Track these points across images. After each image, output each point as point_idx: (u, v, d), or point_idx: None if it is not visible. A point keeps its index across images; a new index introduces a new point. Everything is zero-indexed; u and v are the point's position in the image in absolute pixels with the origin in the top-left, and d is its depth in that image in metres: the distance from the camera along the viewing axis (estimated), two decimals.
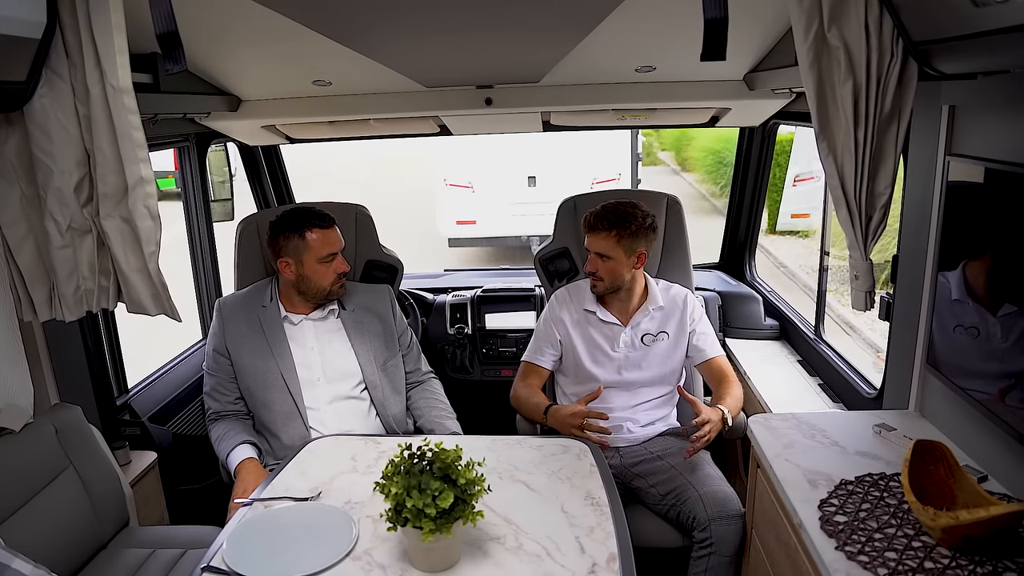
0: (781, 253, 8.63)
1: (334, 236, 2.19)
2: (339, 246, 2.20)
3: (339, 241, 2.21)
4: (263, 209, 3.49)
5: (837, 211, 1.43)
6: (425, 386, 2.36)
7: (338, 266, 2.19)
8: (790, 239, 9.14)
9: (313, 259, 2.15)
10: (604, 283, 2.24)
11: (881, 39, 1.29)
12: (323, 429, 2.14)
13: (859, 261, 1.44)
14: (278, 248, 2.18)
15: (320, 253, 2.15)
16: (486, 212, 8.34)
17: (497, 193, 8.28)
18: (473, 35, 1.96)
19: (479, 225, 8.46)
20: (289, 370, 2.15)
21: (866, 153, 1.36)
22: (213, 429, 2.18)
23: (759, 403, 2.41)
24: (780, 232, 9.09)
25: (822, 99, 1.37)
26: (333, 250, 2.17)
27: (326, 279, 2.17)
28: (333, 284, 2.19)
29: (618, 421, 2.25)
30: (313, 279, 2.17)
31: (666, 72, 2.38)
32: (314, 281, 2.17)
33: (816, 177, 6.81)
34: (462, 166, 8.37)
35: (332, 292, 2.20)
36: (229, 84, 2.50)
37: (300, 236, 2.15)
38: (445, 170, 8.52)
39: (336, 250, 2.18)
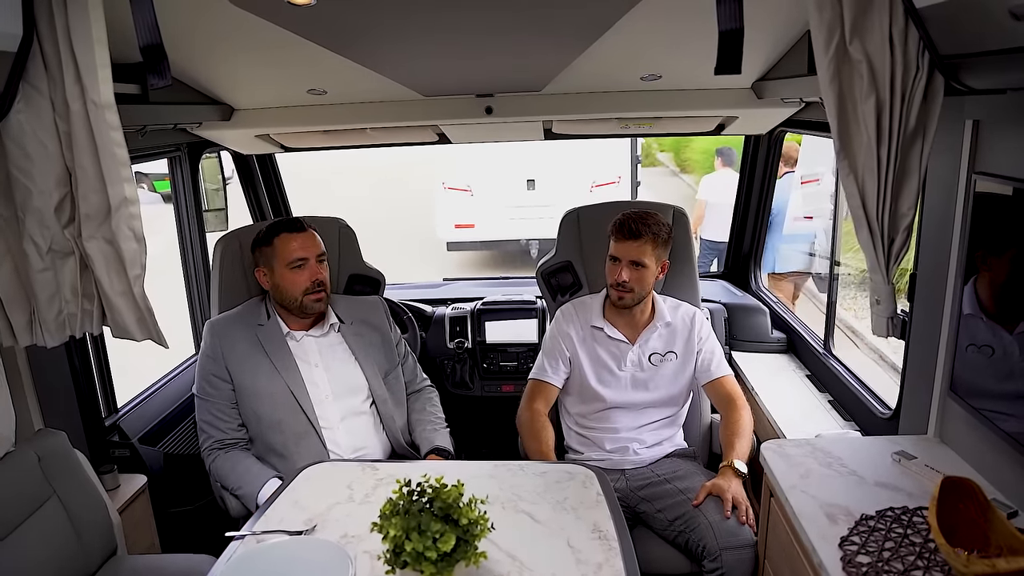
0: None
1: (306, 241, 2.10)
2: (311, 251, 2.10)
3: (312, 247, 2.11)
4: (258, 220, 3.43)
5: (858, 232, 1.35)
6: (421, 396, 2.31)
7: (311, 273, 2.08)
8: None
9: (282, 265, 2.07)
10: (634, 294, 2.16)
11: (906, 52, 1.22)
12: (337, 448, 2.07)
13: (881, 285, 1.37)
14: (256, 260, 2.14)
15: (288, 258, 2.07)
16: (485, 216, 8.29)
17: (496, 197, 8.24)
18: (473, 43, 1.89)
19: (477, 229, 8.41)
20: (300, 388, 2.07)
21: (889, 172, 1.29)
22: (219, 460, 2.08)
23: (768, 422, 2.33)
24: None
25: (843, 115, 1.30)
26: (302, 255, 2.08)
27: (296, 287, 2.08)
28: (305, 295, 2.08)
29: (623, 443, 2.18)
30: (283, 287, 2.09)
31: (672, 80, 2.31)
32: (286, 290, 2.09)
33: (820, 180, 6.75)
34: (460, 169, 8.33)
35: (305, 304, 2.10)
36: (221, 93, 2.42)
37: (270, 243, 2.09)
38: (443, 174, 8.47)
39: (306, 255, 2.09)
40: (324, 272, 2.12)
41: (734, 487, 1.92)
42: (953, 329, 1.60)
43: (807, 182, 6.95)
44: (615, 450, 2.19)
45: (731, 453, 2.00)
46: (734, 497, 1.88)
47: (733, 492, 1.90)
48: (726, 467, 1.97)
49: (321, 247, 2.14)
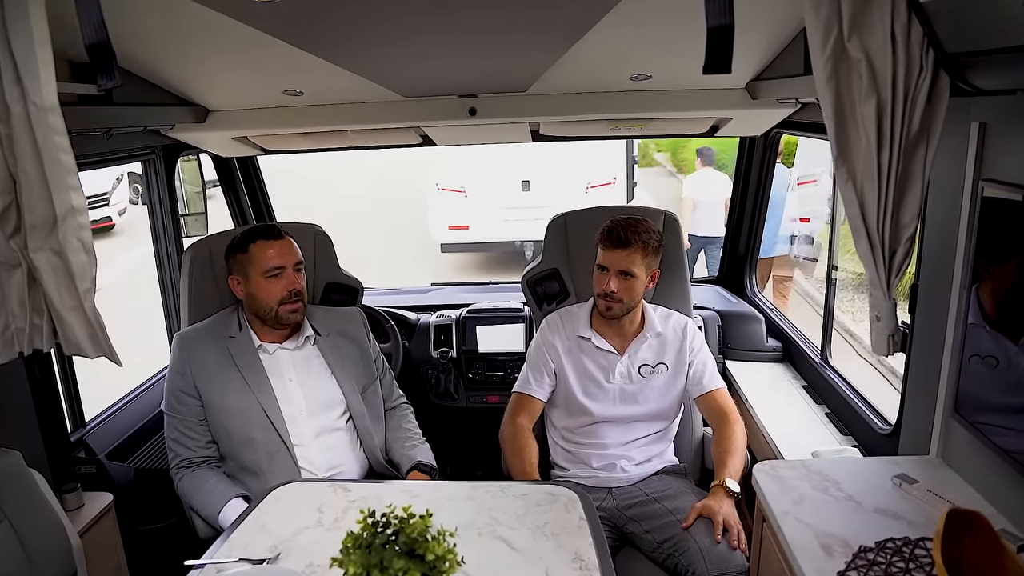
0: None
1: (283, 248, 2.01)
2: (289, 260, 2.01)
3: (290, 255, 2.02)
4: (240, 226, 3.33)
5: (856, 243, 1.26)
6: (396, 412, 2.21)
7: (288, 282, 1.99)
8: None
9: (258, 273, 1.98)
10: (622, 305, 2.06)
11: (909, 50, 1.13)
12: (311, 467, 1.97)
13: (881, 300, 1.28)
14: (229, 268, 2.04)
15: (264, 266, 1.98)
16: (479, 217, 8.23)
17: (490, 198, 8.18)
18: (453, 42, 1.80)
19: (472, 230, 8.35)
20: (272, 405, 1.97)
21: (890, 179, 1.20)
22: (186, 479, 1.99)
23: (763, 436, 2.24)
24: None
25: (841, 118, 1.20)
26: (279, 263, 1.99)
27: (272, 296, 1.98)
28: (281, 304, 1.99)
29: (611, 459, 2.09)
30: (259, 296, 1.99)
31: (663, 80, 2.21)
32: (261, 299, 1.99)
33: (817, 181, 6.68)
34: (454, 170, 8.26)
35: (281, 315, 2.00)
36: (194, 94, 2.33)
37: (245, 250, 1.99)
38: (437, 174, 8.39)
39: (283, 263, 1.99)
40: (301, 281, 2.03)
41: (725, 508, 1.82)
42: (958, 344, 1.51)
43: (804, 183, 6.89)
44: (602, 467, 2.10)
45: (723, 471, 1.91)
46: (725, 520, 1.79)
47: (724, 514, 1.80)
48: (717, 486, 1.88)
49: (299, 255, 2.05)
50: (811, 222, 7.34)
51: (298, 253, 2.05)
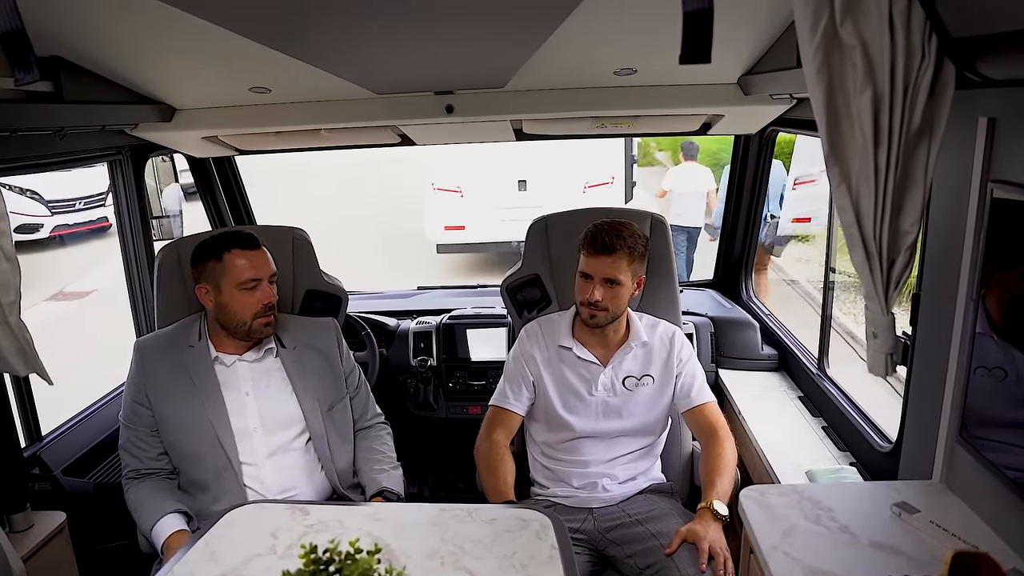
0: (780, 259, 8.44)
1: (259, 260, 1.90)
2: (264, 272, 1.90)
3: (265, 267, 1.91)
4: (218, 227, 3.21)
5: (851, 253, 1.14)
6: (370, 432, 2.07)
7: (263, 296, 1.88)
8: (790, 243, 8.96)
9: (232, 285, 1.86)
10: (607, 314, 1.94)
11: (909, 36, 1.00)
12: (260, 487, 1.85)
13: (879, 315, 1.15)
14: (197, 275, 1.92)
15: (239, 278, 1.86)
16: (475, 217, 8.14)
17: (486, 198, 8.08)
18: (425, 34, 1.68)
19: (468, 231, 8.26)
20: (220, 419, 1.86)
21: (888, 181, 1.07)
22: (131, 491, 1.90)
23: (755, 451, 2.12)
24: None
25: (833, 113, 1.08)
26: (255, 275, 1.87)
27: (246, 310, 1.87)
28: (256, 318, 1.88)
29: (592, 478, 1.97)
30: (232, 309, 1.88)
31: (649, 75, 2.09)
32: (233, 312, 1.88)
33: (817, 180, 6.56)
34: (450, 170, 8.15)
35: (254, 328, 1.89)
36: (158, 92, 2.21)
37: (218, 259, 1.87)
38: (433, 174, 8.29)
39: (259, 276, 1.88)
40: (275, 294, 1.92)
41: (712, 533, 1.70)
42: (964, 357, 1.39)
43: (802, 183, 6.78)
44: (583, 486, 1.97)
45: (711, 492, 1.79)
46: (711, 546, 1.67)
47: (711, 540, 1.68)
48: (704, 509, 1.76)
49: (273, 267, 1.94)
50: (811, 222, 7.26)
51: (272, 264, 1.94)
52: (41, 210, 10.12)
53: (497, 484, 1.86)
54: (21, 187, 10.00)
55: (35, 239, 9.98)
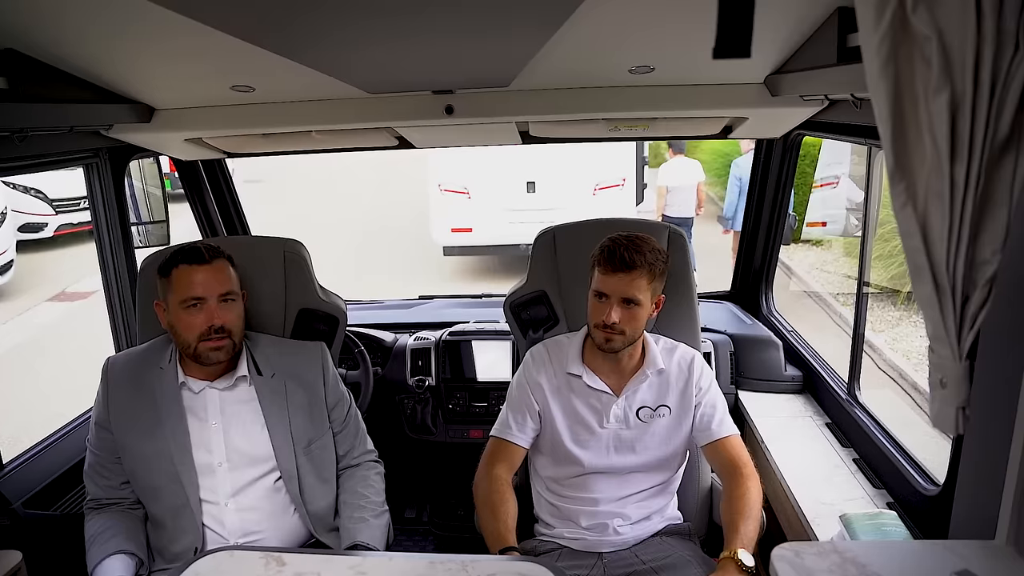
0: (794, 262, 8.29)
1: (206, 276, 1.70)
2: (212, 290, 1.70)
3: (214, 284, 1.70)
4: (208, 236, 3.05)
5: (916, 286, 0.95)
6: (356, 472, 1.88)
7: (208, 317, 1.68)
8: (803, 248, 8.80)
9: (176, 303, 1.70)
10: (624, 337, 1.75)
11: (1000, 22, 0.81)
12: (221, 529, 1.68)
13: (949, 361, 0.96)
14: (157, 290, 1.77)
15: (182, 296, 1.69)
16: (483, 219, 8.00)
17: (494, 199, 7.94)
18: (419, 29, 1.50)
19: (475, 233, 8.13)
20: (182, 451, 1.69)
21: (967, 201, 0.88)
22: (89, 523, 1.74)
23: (780, 484, 1.93)
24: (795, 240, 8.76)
25: (900, 119, 0.89)
26: (195, 293, 1.68)
27: (191, 332, 1.69)
28: (201, 341, 1.69)
29: (603, 518, 1.78)
30: (178, 329, 1.71)
31: (667, 74, 1.90)
32: (179, 333, 1.71)
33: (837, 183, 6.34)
34: (457, 171, 8.01)
35: (200, 352, 1.70)
36: (133, 90, 2.04)
37: (167, 275, 1.71)
38: (440, 175, 8.14)
39: (203, 294, 1.69)
40: (230, 315, 1.71)
41: None
42: None
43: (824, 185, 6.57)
44: (592, 527, 1.79)
45: (735, 540, 1.60)
46: None
47: None
48: (727, 559, 1.56)
49: (228, 285, 1.73)
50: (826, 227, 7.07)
51: (228, 282, 1.74)
52: (45, 209, 10.04)
53: (497, 527, 1.68)
54: (25, 185, 9.92)
55: (39, 238, 9.90)
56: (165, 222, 2.89)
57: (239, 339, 1.74)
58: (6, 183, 9.43)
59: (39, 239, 9.85)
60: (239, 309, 1.75)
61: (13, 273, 8.32)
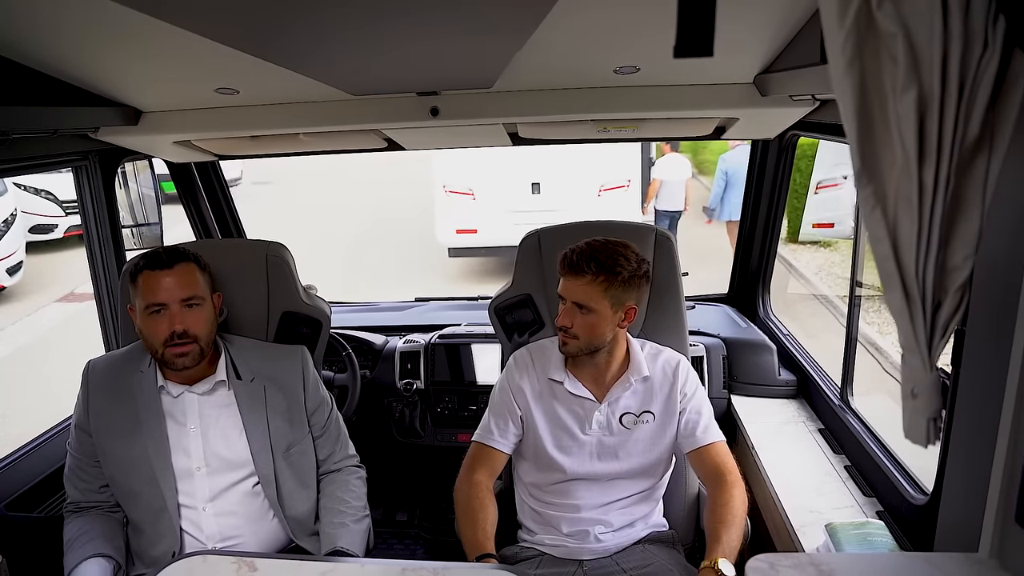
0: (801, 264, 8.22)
1: (166, 282, 1.67)
2: (172, 296, 1.67)
3: (176, 289, 1.67)
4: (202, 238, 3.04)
5: (887, 293, 0.92)
6: (337, 477, 1.86)
7: (171, 322, 1.66)
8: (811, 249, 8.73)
9: (141, 307, 1.68)
10: (578, 342, 1.73)
11: (967, 20, 0.78)
12: (199, 534, 1.67)
13: (920, 371, 0.93)
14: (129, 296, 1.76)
15: (145, 300, 1.67)
16: (487, 220, 7.99)
17: (499, 201, 7.92)
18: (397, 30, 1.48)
19: (480, 234, 8.11)
20: (160, 455, 1.68)
21: (936, 205, 0.85)
22: (67, 526, 1.73)
23: (769, 492, 1.90)
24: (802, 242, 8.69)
25: (866, 118, 0.86)
26: (157, 299, 1.66)
27: (155, 338, 1.67)
28: (166, 346, 1.66)
29: (584, 524, 1.76)
30: (144, 333, 1.70)
31: (653, 74, 1.87)
32: (146, 338, 1.70)
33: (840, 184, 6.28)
34: (462, 172, 8.00)
35: (166, 358, 1.68)
36: (117, 93, 2.03)
37: (133, 281, 1.70)
38: (444, 176, 8.14)
39: (163, 300, 1.66)
40: (194, 319, 1.69)
41: None
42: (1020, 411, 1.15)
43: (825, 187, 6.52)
44: (573, 534, 1.76)
45: (716, 548, 1.56)
46: None
47: None
48: (707, 569, 1.53)
49: (191, 290, 1.70)
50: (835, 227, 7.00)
51: (191, 286, 1.70)
52: (55, 210, 10.08)
53: (475, 534, 1.65)
54: (36, 187, 9.98)
55: (50, 239, 9.95)
56: (158, 224, 2.89)
57: (207, 343, 1.72)
58: (17, 184, 9.51)
59: (48, 240, 9.91)
60: (206, 313, 1.72)
61: (23, 274, 8.39)
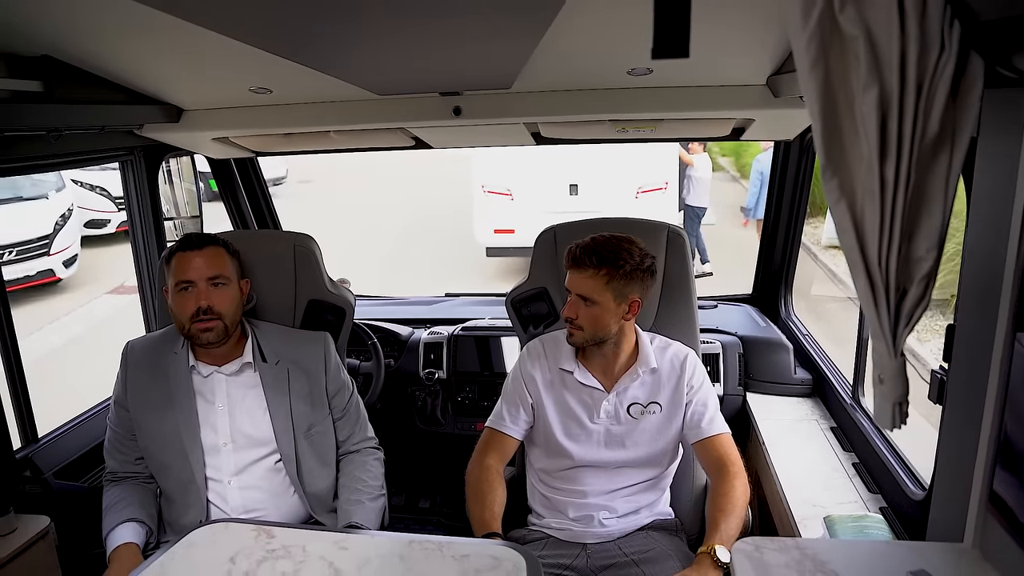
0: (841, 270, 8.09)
1: (196, 261, 1.82)
2: (200, 274, 1.81)
3: (203, 268, 1.81)
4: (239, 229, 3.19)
5: (854, 281, 0.96)
6: (355, 458, 1.96)
7: (199, 298, 1.79)
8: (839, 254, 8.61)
9: (172, 286, 1.82)
10: (583, 333, 1.80)
11: (923, 22, 0.83)
12: (224, 506, 1.78)
13: (885, 357, 0.97)
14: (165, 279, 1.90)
15: (176, 278, 1.82)
16: (525, 221, 8.03)
17: (537, 201, 7.97)
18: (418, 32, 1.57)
19: (518, 234, 8.16)
20: (190, 431, 1.80)
21: (898, 198, 0.89)
22: (106, 494, 1.88)
23: (775, 486, 1.93)
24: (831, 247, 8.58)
25: (831, 114, 0.91)
26: (186, 277, 1.80)
27: (183, 313, 1.81)
28: (193, 322, 1.80)
29: (589, 510, 1.82)
30: (175, 311, 1.84)
31: (666, 75, 1.93)
32: (175, 314, 1.84)
33: None
34: (500, 172, 8.08)
35: (192, 333, 1.81)
36: (160, 92, 2.16)
37: (168, 262, 1.85)
38: (483, 176, 8.23)
39: (192, 277, 1.80)
40: (219, 297, 1.82)
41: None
42: (999, 402, 1.18)
43: None
44: (578, 519, 1.83)
45: (714, 535, 1.61)
46: None
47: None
48: (704, 555, 1.58)
49: (218, 268, 1.84)
50: None
51: (219, 267, 1.84)
52: (109, 206, 10.50)
53: (482, 513, 1.73)
54: (91, 183, 10.42)
55: (102, 234, 10.37)
56: (199, 218, 3.04)
57: (231, 322, 1.85)
58: (74, 181, 9.94)
59: (102, 235, 10.33)
60: (231, 293, 1.85)
61: (77, 267, 8.78)
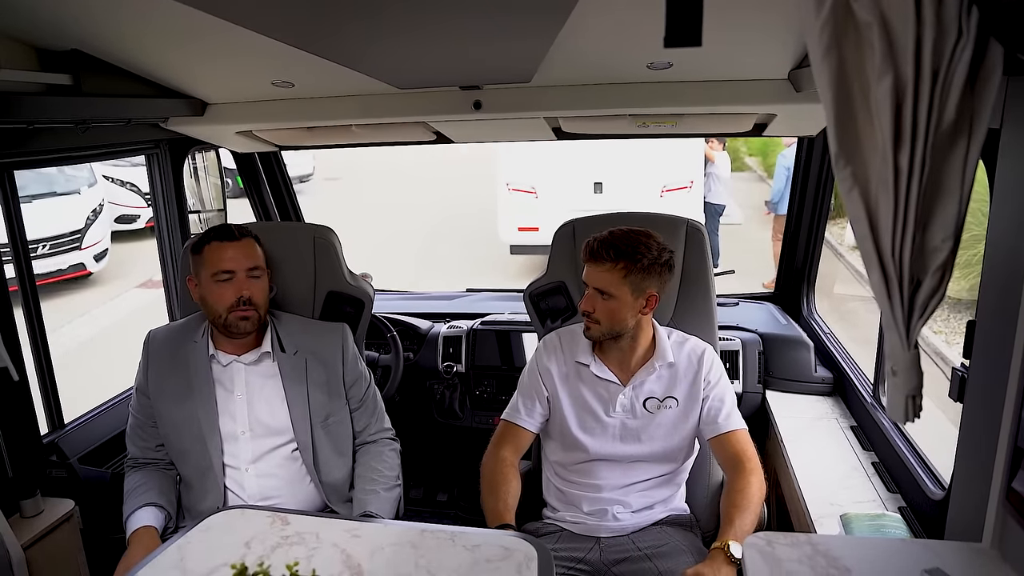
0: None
1: (235, 252, 1.84)
2: (240, 264, 1.84)
3: (243, 259, 1.85)
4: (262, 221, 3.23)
5: (868, 272, 0.95)
6: (372, 448, 1.98)
7: (239, 288, 1.82)
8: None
9: (208, 275, 1.84)
10: (600, 327, 1.80)
11: (941, 8, 0.81)
12: (241, 493, 1.81)
13: (899, 349, 0.96)
14: (189, 268, 1.92)
15: (213, 268, 1.83)
16: (549, 219, 7.99)
17: (561, 199, 7.95)
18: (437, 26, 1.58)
19: (542, 232, 8.15)
20: (209, 418, 1.83)
21: (912, 188, 0.88)
22: (127, 478, 1.92)
23: (793, 484, 1.91)
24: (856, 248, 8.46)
25: (844, 104, 0.90)
26: (227, 267, 1.82)
27: (221, 302, 1.83)
28: (231, 311, 1.82)
29: (604, 504, 1.81)
30: (209, 300, 1.85)
31: (686, 70, 1.91)
32: (211, 304, 1.85)
33: None
34: (525, 170, 8.08)
35: (229, 322, 1.83)
36: (184, 86, 2.20)
37: (200, 252, 1.86)
38: (507, 174, 8.24)
39: (233, 267, 1.83)
40: (255, 288, 1.85)
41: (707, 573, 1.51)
42: (1018, 405, 1.16)
43: None
44: (593, 512, 1.83)
45: (728, 531, 1.60)
46: None
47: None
48: (717, 550, 1.57)
49: (255, 260, 1.88)
50: None
51: (255, 257, 1.88)
52: (138, 201, 10.69)
53: (496, 505, 1.74)
54: (121, 179, 10.61)
55: (131, 229, 10.56)
56: (223, 211, 3.09)
57: (263, 312, 1.88)
58: (105, 177, 10.13)
59: (131, 230, 10.52)
60: (264, 284, 1.88)
61: (107, 261, 8.95)
